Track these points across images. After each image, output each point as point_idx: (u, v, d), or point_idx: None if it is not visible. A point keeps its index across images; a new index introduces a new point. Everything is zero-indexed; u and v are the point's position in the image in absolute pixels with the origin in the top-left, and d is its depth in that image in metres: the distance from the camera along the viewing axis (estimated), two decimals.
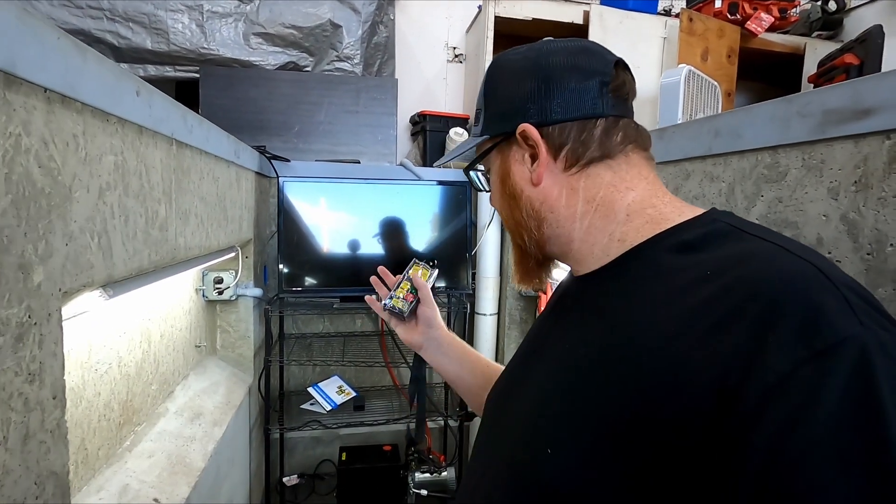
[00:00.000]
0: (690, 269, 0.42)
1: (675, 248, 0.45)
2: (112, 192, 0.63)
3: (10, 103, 0.44)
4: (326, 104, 1.95)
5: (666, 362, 0.37)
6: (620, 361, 0.41)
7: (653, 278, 0.44)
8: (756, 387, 0.32)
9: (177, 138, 0.84)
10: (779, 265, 0.37)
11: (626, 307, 0.44)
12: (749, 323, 0.35)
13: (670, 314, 0.40)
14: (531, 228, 0.53)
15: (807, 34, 2.54)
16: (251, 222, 1.54)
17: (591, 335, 0.47)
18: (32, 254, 0.47)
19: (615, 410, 0.39)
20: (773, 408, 0.31)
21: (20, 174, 0.45)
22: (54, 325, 0.51)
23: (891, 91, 0.53)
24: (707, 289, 0.39)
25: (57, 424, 0.52)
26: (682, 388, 0.35)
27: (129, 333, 0.99)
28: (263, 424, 1.69)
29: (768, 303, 0.35)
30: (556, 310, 0.57)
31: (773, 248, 0.39)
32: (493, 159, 0.56)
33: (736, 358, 0.34)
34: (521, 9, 2.22)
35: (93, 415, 0.85)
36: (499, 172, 0.55)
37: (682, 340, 0.37)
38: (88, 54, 0.55)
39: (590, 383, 0.43)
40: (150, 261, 0.75)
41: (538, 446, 0.44)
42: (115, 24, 1.78)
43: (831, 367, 0.31)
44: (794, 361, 0.32)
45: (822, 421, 0.30)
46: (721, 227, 0.44)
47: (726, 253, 0.41)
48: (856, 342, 0.32)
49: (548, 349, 0.52)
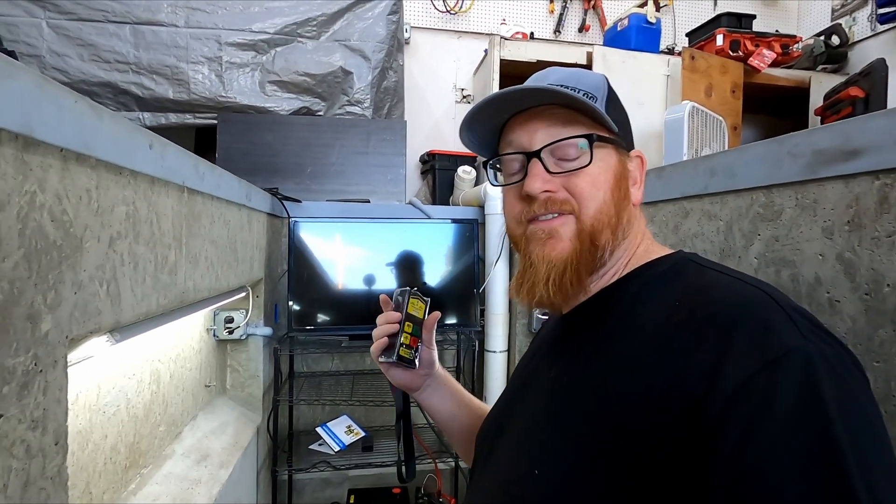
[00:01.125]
0: (660, 301, 0.47)
1: (649, 280, 0.51)
2: (122, 240, 0.65)
3: (28, 164, 0.47)
4: (338, 146, 2.01)
5: (640, 383, 0.42)
6: (600, 385, 0.46)
7: (629, 310, 0.49)
8: (717, 397, 0.36)
9: (188, 186, 0.88)
10: (733, 292, 0.43)
11: (606, 337, 0.49)
12: (710, 342, 0.39)
13: (644, 342, 0.45)
14: (618, 235, 0.52)
15: (811, 68, 2.57)
16: (262, 262, 1.57)
17: (574, 363, 0.51)
18: (41, 304, 0.49)
19: (596, 431, 0.43)
20: (733, 415, 0.35)
21: (33, 229, 0.48)
22: (59, 372, 0.53)
23: (878, 132, 0.54)
24: (675, 317, 0.44)
25: (58, 471, 0.53)
26: (655, 405, 0.40)
27: (138, 375, 1.01)
28: (271, 466, 1.67)
29: (725, 323, 0.40)
30: (542, 346, 0.61)
31: (729, 279, 0.46)
32: (610, 154, 0.53)
33: (700, 373, 0.38)
34: (526, 51, 2.29)
35: (99, 458, 0.86)
36: (615, 169, 0.53)
37: (654, 363, 0.42)
38: (104, 114, 0.59)
39: (572, 407, 0.47)
40: (158, 305, 0.77)
41: (525, 468, 0.47)
42: (140, 76, 1.89)
43: (781, 374, 0.35)
44: (748, 370, 0.36)
45: (776, 425, 0.34)
46: (686, 264, 0.50)
47: (689, 284, 0.47)
48: (800, 352, 0.36)
49: (534, 381, 0.56)
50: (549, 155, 0.52)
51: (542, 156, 0.51)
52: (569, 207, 0.51)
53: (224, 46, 1.95)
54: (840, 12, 2.67)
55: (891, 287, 0.53)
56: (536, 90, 0.51)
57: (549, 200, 0.51)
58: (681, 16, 2.81)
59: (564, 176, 0.51)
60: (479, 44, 2.55)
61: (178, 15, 1.91)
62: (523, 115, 0.54)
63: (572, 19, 2.72)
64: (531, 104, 0.53)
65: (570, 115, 0.51)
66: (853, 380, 0.36)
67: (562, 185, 0.51)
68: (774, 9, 2.94)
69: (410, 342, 0.69)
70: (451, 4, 2.57)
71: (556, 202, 0.51)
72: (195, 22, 1.93)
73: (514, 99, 0.52)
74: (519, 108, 0.54)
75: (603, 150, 0.52)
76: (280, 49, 2.02)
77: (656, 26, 2.43)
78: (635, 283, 0.51)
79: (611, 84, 0.55)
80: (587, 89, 0.52)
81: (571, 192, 0.51)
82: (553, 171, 0.51)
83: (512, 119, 0.55)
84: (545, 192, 0.51)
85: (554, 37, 2.69)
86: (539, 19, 2.69)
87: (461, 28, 2.63)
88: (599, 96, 0.53)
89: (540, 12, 2.70)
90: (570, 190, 0.51)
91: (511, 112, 0.55)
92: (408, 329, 0.69)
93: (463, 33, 2.63)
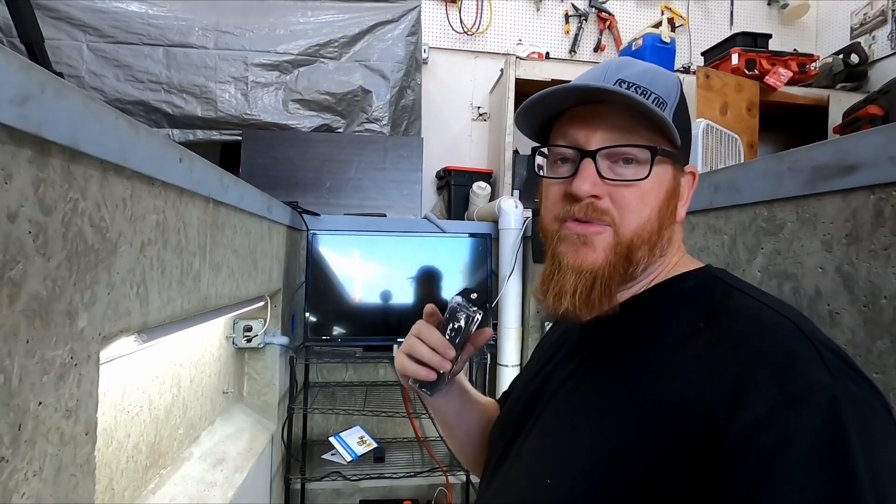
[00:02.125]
0: (685, 320, 0.46)
1: (673, 298, 0.50)
2: (152, 246, 0.70)
3: (72, 174, 0.52)
4: (356, 162, 2.07)
5: (660, 402, 0.41)
6: (618, 400, 0.45)
7: (652, 326, 0.48)
8: (736, 427, 0.35)
9: (213, 197, 0.93)
10: (760, 320, 0.42)
11: (627, 351, 0.49)
12: (734, 370, 0.38)
13: (666, 361, 0.44)
14: (656, 252, 0.50)
15: (831, 86, 2.56)
16: (281, 273, 1.62)
17: (594, 376, 0.50)
18: (79, 302, 0.54)
19: (612, 445, 0.43)
20: (750, 447, 0.34)
21: (75, 233, 0.52)
22: (92, 367, 0.57)
23: (872, 149, 0.55)
24: (699, 340, 0.43)
25: (87, 459, 0.57)
26: (673, 425, 0.39)
27: (160, 377, 1.05)
28: (284, 474, 1.70)
29: (750, 353, 0.39)
30: (559, 352, 0.59)
31: (757, 304, 0.44)
32: (666, 169, 0.50)
33: (721, 400, 0.37)
34: (541, 70, 2.34)
35: (122, 456, 0.90)
36: (668, 185, 0.50)
37: (674, 383, 0.41)
38: (140, 129, 0.64)
39: (589, 418, 0.47)
40: (182, 309, 0.81)
41: (539, 476, 0.47)
42: (171, 94, 1.99)
43: (804, 413, 0.34)
44: (770, 406, 0.35)
45: (793, 462, 0.33)
46: (713, 282, 0.49)
47: (716, 306, 0.46)
48: (826, 392, 0.35)
49: (552, 388, 0.55)
50: (604, 158, 0.49)
51: (598, 158, 0.48)
52: (608, 219, 0.48)
53: (250, 67, 2.04)
54: (859, 31, 2.66)
55: (888, 299, 0.54)
56: (608, 92, 0.47)
57: (591, 206, 0.48)
58: (696, 35, 2.84)
59: (614, 184, 0.48)
60: (496, 63, 2.60)
61: (208, 38, 2.01)
62: (585, 109, 0.50)
63: (587, 39, 2.76)
64: (597, 98, 0.50)
65: (634, 120, 0.48)
66: (879, 422, 0.35)
67: (608, 192, 0.48)
68: (792, 28, 2.95)
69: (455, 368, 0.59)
70: (468, 25, 2.65)
71: (597, 210, 0.48)
72: (224, 44, 2.03)
73: (582, 92, 0.49)
74: (583, 100, 0.51)
75: (661, 164, 0.49)
76: (303, 69, 2.10)
77: (671, 46, 2.45)
78: (660, 297, 0.50)
79: (682, 89, 0.52)
80: (659, 93, 0.48)
81: (616, 203, 0.48)
82: (605, 177, 0.48)
83: (572, 109, 0.51)
84: (591, 196, 0.48)
85: (569, 56, 2.74)
86: (555, 39, 2.75)
87: (478, 48, 2.69)
88: (670, 102, 0.49)
89: (556, 33, 2.75)
90: (615, 200, 0.48)
91: (573, 102, 0.51)
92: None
93: (480, 53, 2.70)
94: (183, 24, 2.00)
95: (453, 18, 2.63)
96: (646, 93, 0.48)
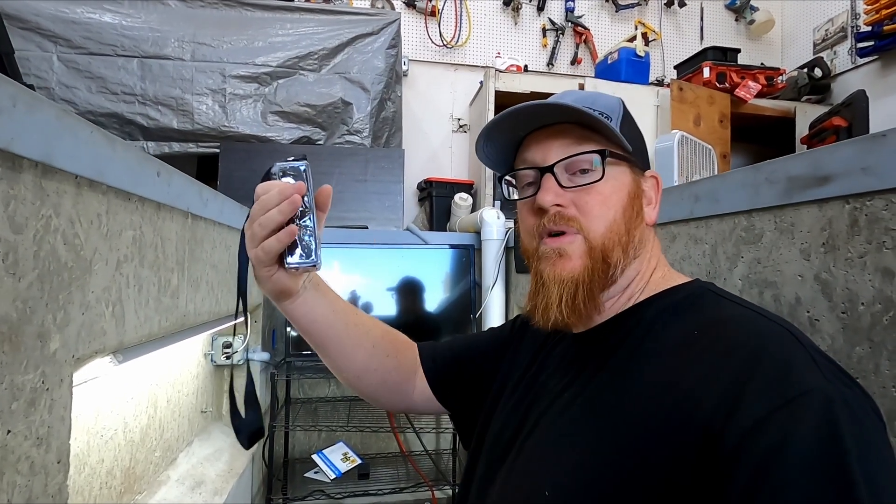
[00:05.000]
0: (679, 329, 0.47)
1: (667, 308, 0.51)
2: (129, 263, 0.68)
3: (45, 189, 0.50)
4: (337, 174, 2.06)
5: (657, 410, 0.42)
6: (615, 411, 0.46)
7: (647, 336, 0.49)
8: (735, 430, 0.36)
9: (192, 212, 0.91)
10: (756, 326, 0.43)
11: (623, 362, 0.49)
12: (730, 374, 0.39)
13: (662, 369, 0.45)
14: (629, 254, 0.53)
15: (796, 98, 2.66)
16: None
17: (591, 387, 0.51)
18: (51, 323, 0.51)
19: (610, 457, 0.43)
20: (749, 450, 0.35)
21: (47, 251, 0.50)
22: (65, 391, 0.54)
23: (845, 160, 0.57)
24: (694, 347, 0.44)
25: (59, 489, 0.54)
26: (671, 433, 0.40)
27: (136, 399, 1.01)
28: (266, 494, 1.65)
29: (746, 358, 0.40)
30: (552, 363, 0.59)
31: (750, 312, 0.46)
32: (624, 172, 0.54)
33: (718, 404, 0.38)
34: (520, 83, 2.37)
35: (94, 482, 0.86)
36: (629, 188, 0.54)
37: (672, 393, 0.42)
38: (117, 144, 0.62)
39: (586, 431, 0.47)
40: (160, 327, 0.79)
41: (535, 489, 0.47)
42: (146, 107, 1.94)
43: (800, 413, 0.35)
44: (768, 407, 0.36)
45: (792, 464, 0.34)
46: (703, 293, 0.51)
47: (708, 315, 0.47)
48: (821, 393, 0.36)
49: (544, 400, 0.55)
50: (562, 171, 0.52)
51: (556, 171, 0.52)
52: (576, 225, 0.51)
53: (228, 79, 2.01)
54: (821, 46, 2.78)
55: (865, 305, 0.55)
56: (552, 105, 0.51)
57: (558, 215, 0.51)
58: (669, 49, 2.92)
59: (576, 192, 0.51)
60: (475, 76, 2.63)
61: (184, 49, 1.98)
62: (539, 134, 0.55)
63: (564, 53, 2.82)
64: (547, 122, 0.54)
65: (584, 133, 0.52)
66: (872, 425, 0.36)
67: (572, 201, 0.52)
68: (759, 43, 3.06)
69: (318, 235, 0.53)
70: (447, 38, 2.67)
71: (563, 217, 0.51)
72: (201, 56, 2.00)
73: (529, 114, 0.53)
74: (535, 125, 0.55)
75: (616, 167, 0.53)
76: (282, 81, 2.08)
77: (645, 59, 2.52)
78: (652, 309, 0.51)
79: (626, 106, 0.57)
80: (602, 109, 0.53)
81: (581, 209, 0.51)
82: (565, 186, 0.52)
83: (528, 137, 0.56)
84: (556, 205, 0.51)
85: (547, 69, 2.79)
86: (532, 53, 2.79)
87: (457, 61, 2.72)
88: (614, 116, 0.54)
89: (533, 46, 2.80)
90: (579, 207, 0.51)
91: (527, 130, 0.56)
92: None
93: (459, 66, 2.73)
94: (158, 36, 1.96)
95: (433, 31, 2.65)
96: (591, 109, 0.52)
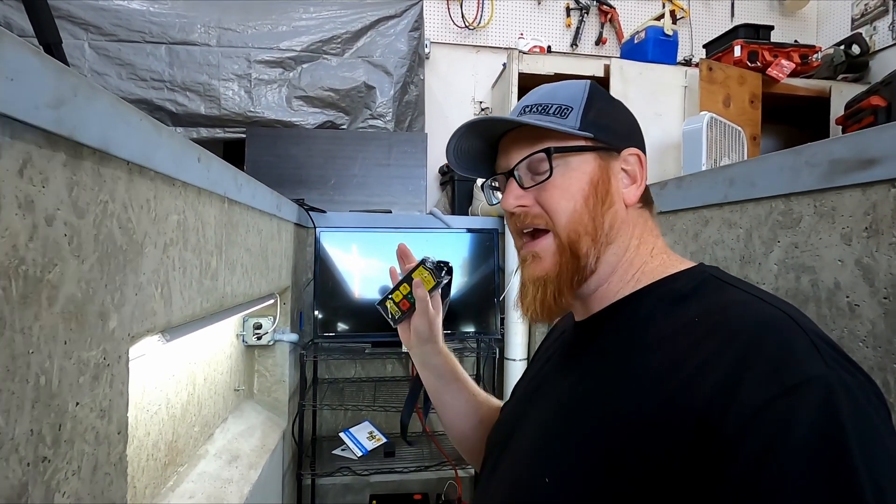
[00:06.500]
0: (679, 316, 0.47)
1: (667, 296, 0.50)
2: (174, 246, 0.70)
3: (102, 176, 0.52)
4: (360, 158, 2.07)
5: (656, 401, 0.42)
6: (615, 398, 0.45)
7: (646, 324, 0.49)
8: (734, 418, 0.36)
9: (228, 196, 0.93)
10: (754, 312, 0.42)
11: (622, 350, 0.49)
12: (729, 362, 0.39)
13: (661, 358, 0.44)
14: (600, 240, 0.53)
15: (832, 77, 2.56)
16: (289, 270, 1.62)
17: (590, 376, 0.51)
18: (110, 303, 0.54)
19: (610, 443, 0.43)
20: (748, 438, 0.35)
21: (105, 234, 0.53)
22: (123, 367, 0.57)
23: (892, 142, 0.56)
24: (693, 335, 0.43)
25: (119, 458, 0.57)
26: (670, 420, 0.39)
27: (176, 376, 1.05)
28: (296, 470, 1.71)
29: (745, 344, 0.39)
30: (556, 352, 0.61)
31: (750, 297, 0.45)
32: (585, 160, 0.53)
33: (717, 393, 0.38)
34: (544, 64, 2.34)
35: (142, 454, 0.91)
36: (591, 175, 0.53)
37: (670, 381, 0.42)
38: (163, 130, 0.64)
39: (586, 418, 0.47)
40: (202, 308, 0.82)
41: (536, 475, 0.48)
42: (175, 93, 1.98)
43: (800, 402, 0.35)
44: (767, 396, 0.36)
45: (792, 452, 0.34)
46: (706, 279, 0.50)
47: (710, 302, 0.47)
48: (822, 381, 0.35)
49: (548, 387, 0.57)
50: (525, 172, 0.54)
51: (518, 174, 0.55)
52: (542, 222, 0.53)
53: (253, 64, 2.03)
54: (860, 21, 2.66)
55: None
56: (496, 120, 0.56)
57: (524, 214, 0.54)
58: (698, 28, 2.84)
59: (536, 190, 0.53)
60: (498, 58, 2.60)
61: (210, 35, 2.01)
62: (505, 139, 0.58)
63: (589, 33, 2.76)
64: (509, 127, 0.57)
65: (540, 133, 0.54)
66: (874, 411, 0.36)
67: (535, 199, 0.54)
68: (793, 19, 2.95)
69: (401, 303, 0.72)
70: (469, 20, 2.64)
71: (530, 215, 0.54)
72: (226, 41, 2.02)
73: (487, 126, 0.58)
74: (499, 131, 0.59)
75: (575, 158, 0.53)
76: (306, 66, 2.09)
77: (673, 38, 2.45)
78: (652, 296, 0.51)
79: (596, 88, 0.56)
80: (561, 102, 0.54)
81: (544, 206, 0.53)
82: (524, 186, 0.54)
83: (500, 144, 0.59)
84: (519, 206, 0.54)
85: (571, 50, 2.74)
86: (556, 33, 2.74)
87: (480, 43, 2.69)
88: (575, 106, 0.54)
89: (557, 26, 2.75)
90: (542, 203, 0.53)
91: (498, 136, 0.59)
92: (402, 291, 0.72)
93: (481, 48, 2.69)
94: (185, 22, 1.99)
95: (455, 13, 2.62)
96: (547, 108, 0.54)
